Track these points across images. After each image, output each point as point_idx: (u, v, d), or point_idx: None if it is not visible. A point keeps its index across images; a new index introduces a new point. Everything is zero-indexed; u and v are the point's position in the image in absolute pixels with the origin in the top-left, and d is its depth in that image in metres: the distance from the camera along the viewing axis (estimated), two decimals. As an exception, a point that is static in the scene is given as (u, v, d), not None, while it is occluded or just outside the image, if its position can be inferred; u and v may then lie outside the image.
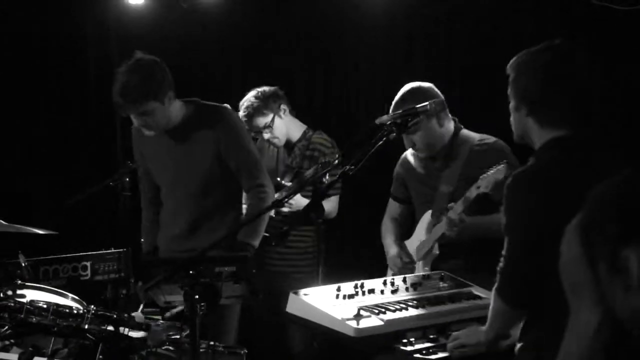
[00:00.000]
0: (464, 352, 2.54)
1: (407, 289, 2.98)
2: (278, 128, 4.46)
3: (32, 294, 3.18)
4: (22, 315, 2.93)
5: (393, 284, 2.99)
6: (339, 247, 4.84)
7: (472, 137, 3.57)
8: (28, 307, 2.95)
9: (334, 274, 3.93)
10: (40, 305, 2.99)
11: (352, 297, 2.81)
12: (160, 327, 3.02)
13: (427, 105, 3.13)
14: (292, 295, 2.78)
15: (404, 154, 3.80)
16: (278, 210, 4.37)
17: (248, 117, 4.42)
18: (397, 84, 3.66)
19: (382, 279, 3.04)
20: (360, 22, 5.32)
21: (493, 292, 2.40)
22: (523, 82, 2.36)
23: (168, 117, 3.65)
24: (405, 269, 3.62)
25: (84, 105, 5.74)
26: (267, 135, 4.47)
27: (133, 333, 2.98)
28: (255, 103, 4.41)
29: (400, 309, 2.73)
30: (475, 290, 3.01)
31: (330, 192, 4.32)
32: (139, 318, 2.98)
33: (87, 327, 2.95)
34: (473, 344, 2.52)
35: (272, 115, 4.43)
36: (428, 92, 3.52)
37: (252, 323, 4.43)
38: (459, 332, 2.59)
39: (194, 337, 2.58)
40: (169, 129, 3.71)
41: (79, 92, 5.71)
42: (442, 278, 3.12)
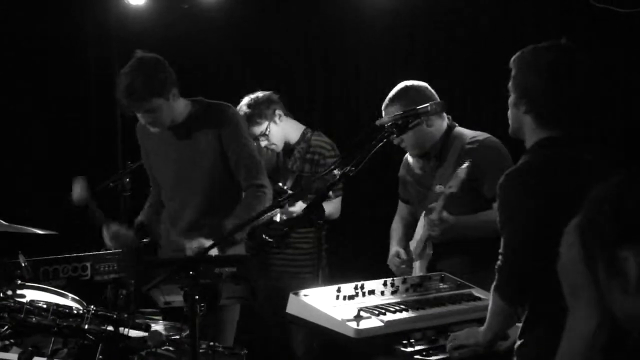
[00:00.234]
0: (463, 353, 2.54)
1: (407, 290, 2.98)
2: (274, 134, 4.42)
3: (32, 294, 3.18)
4: (22, 315, 2.93)
5: (393, 285, 2.99)
6: (341, 248, 4.83)
7: (464, 135, 3.54)
8: (28, 307, 2.95)
9: (336, 275, 3.93)
10: (40, 305, 2.99)
11: (352, 298, 2.80)
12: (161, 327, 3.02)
13: (427, 107, 3.14)
14: (292, 296, 2.77)
15: (406, 155, 3.80)
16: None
17: None
18: (397, 84, 3.65)
19: (382, 280, 3.04)
20: (361, 21, 5.32)
21: (491, 290, 2.42)
22: (525, 79, 2.37)
23: (173, 113, 3.68)
24: (403, 267, 3.63)
25: (84, 105, 5.74)
26: (264, 143, 4.43)
27: (133, 333, 2.98)
28: (249, 112, 4.34)
29: (401, 310, 2.73)
30: (476, 292, 3.01)
31: (333, 193, 4.31)
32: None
33: (86, 327, 2.94)
34: (472, 345, 2.52)
35: (266, 123, 4.38)
36: (420, 90, 3.51)
37: (253, 324, 4.43)
38: (457, 332, 2.59)
39: (194, 337, 2.58)
40: (173, 127, 3.73)
41: (79, 92, 5.71)
42: (442, 279, 3.12)
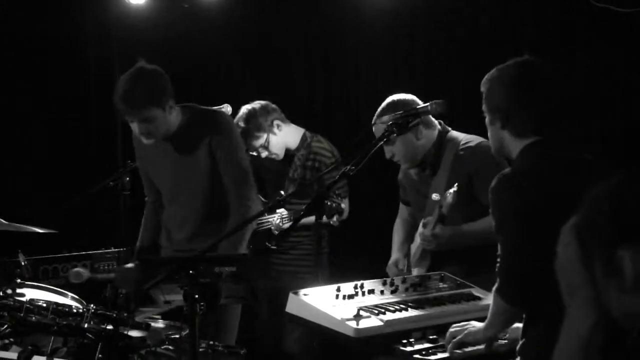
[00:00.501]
0: (463, 353, 2.54)
1: (407, 290, 2.98)
2: (274, 144, 4.39)
3: (31, 293, 3.18)
4: (21, 314, 2.93)
5: (393, 285, 2.99)
6: (342, 248, 4.83)
7: (457, 140, 3.51)
8: (28, 305, 2.95)
9: (336, 275, 3.93)
10: (40, 304, 2.99)
11: (351, 297, 2.81)
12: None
13: (427, 106, 3.14)
14: (291, 296, 2.77)
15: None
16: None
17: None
18: (398, 85, 3.66)
19: (382, 280, 3.04)
20: (361, 21, 5.32)
21: (493, 292, 2.44)
22: (494, 96, 2.48)
23: (168, 125, 3.65)
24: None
25: (84, 105, 5.74)
26: (264, 154, 4.41)
27: (132, 332, 2.98)
28: (246, 127, 4.31)
29: (400, 310, 2.73)
30: (476, 291, 3.01)
31: (333, 201, 4.30)
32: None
33: (86, 326, 2.94)
34: (472, 342, 2.53)
35: (265, 135, 4.36)
36: (407, 103, 3.46)
37: (254, 323, 4.43)
38: (456, 329, 2.59)
39: (194, 336, 2.58)
40: (167, 137, 3.70)
41: (79, 91, 5.71)
42: (442, 279, 3.13)
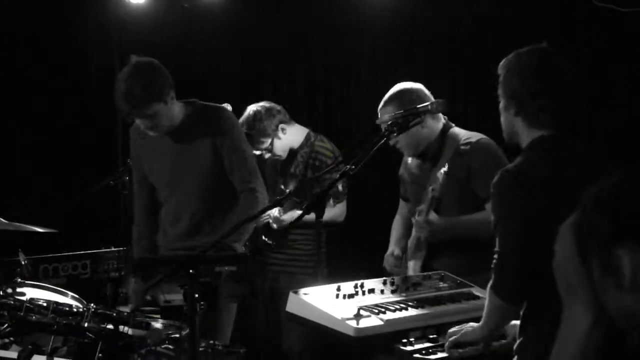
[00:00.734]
0: (463, 353, 2.54)
1: (407, 289, 2.97)
2: (278, 147, 4.40)
3: (31, 292, 3.18)
4: (21, 313, 2.93)
5: (393, 284, 2.98)
6: (342, 248, 4.83)
7: (459, 135, 3.52)
8: (28, 305, 2.95)
9: (336, 275, 3.93)
10: (40, 304, 2.99)
11: (352, 296, 2.80)
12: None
13: (428, 105, 3.14)
14: (292, 295, 2.77)
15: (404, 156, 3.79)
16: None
17: None
18: (394, 86, 3.65)
19: (382, 279, 3.04)
20: (361, 21, 5.32)
21: (488, 289, 2.43)
22: (511, 82, 2.44)
23: (171, 116, 3.65)
24: (397, 268, 3.63)
25: (85, 105, 5.74)
26: (267, 155, 4.43)
27: (132, 331, 2.98)
28: (251, 133, 4.30)
29: (400, 309, 2.73)
30: (476, 291, 3.01)
31: (334, 201, 4.31)
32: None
33: (86, 325, 2.94)
34: (468, 341, 2.53)
35: (269, 140, 4.37)
36: (414, 91, 3.50)
37: (252, 323, 4.43)
38: (454, 329, 2.59)
39: (194, 336, 2.58)
40: (170, 131, 3.71)
41: (80, 91, 5.72)
42: (442, 278, 3.12)
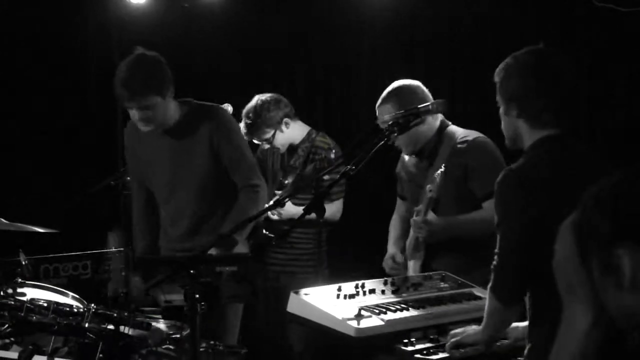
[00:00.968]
0: (464, 353, 2.54)
1: (408, 289, 2.97)
2: (279, 140, 4.40)
3: (32, 293, 3.18)
4: (22, 314, 2.93)
5: (394, 284, 2.99)
6: (342, 248, 4.83)
7: (455, 134, 3.52)
8: (28, 305, 2.95)
9: (337, 275, 3.93)
10: (41, 304, 2.99)
11: (352, 297, 2.80)
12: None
13: (429, 106, 3.15)
14: (292, 295, 2.77)
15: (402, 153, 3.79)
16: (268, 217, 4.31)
17: (248, 134, 4.34)
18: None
19: (383, 279, 3.04)
20: (361, 21, 5.32)
21: (487, 290, 2.42)
22: (510, 83, 2.42)
23: (167, 113, 3.64)
24: (397, 270, 3.62)
25: (85, 105, 5.74)
26: (266, 146, 4.44)
27: (133, 332, 2.98)
28: (257, 121, 4.32)
29: (401, 309, 2.73)
30: (476, 291, 3.01)
31: (335, 196, 4.31)
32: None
33: (87, 325, 2.94)
34: (470, 343, 2.52)
35: (272, 131, 4.36)
36: (412, 89, 3.50)
37: (254, 323, 4.42)
38: (456, 330, 2.59)
39: (194, 336, 2.58)
40: (166, 130, 3.70)
41: (80, 91, 5.72)
42: (443, 278, 3.12)
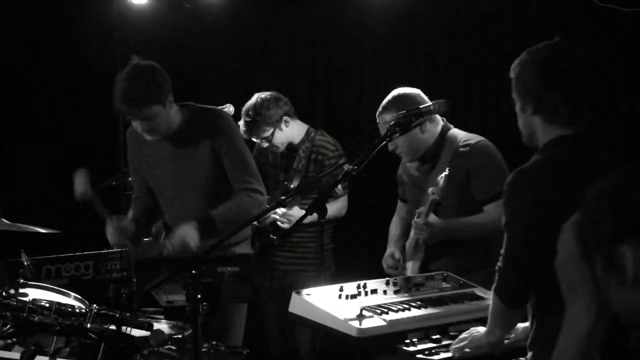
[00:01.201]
0: (467, 353, 2.54)
1: (409, 290, 2.98)
2: (278, 138, 4.39)
3: (34, 293, 3.17)
4: (24, 314, 2.93)
5: (396, 285, 2.99)
6: (347, 247, 4.83)
7: (457, 137, 3.54)
8: (30, 305, 2.95)
9: (340, 275, 3.93)
10: (43, 304, 2.98)
11: (354, 297, 2.81)
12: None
13: (430, 106, 3.15)
14: (294, 295, 2.77)
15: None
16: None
17: (247, 132, 4.35)
18: (400, 84, 3.65)
19: (384, 279, 3.04)
20: (361, 22, 5.32)
21: (492, 292, 2.40)
22: (526, 79, 2.34)
23: (169, 120, 3.65)
24: (395, 269, 3.62)
25: (86, 105, 5.74)
26: (265, 145, 4.43)
27: (135, 332, 2.98)
28: (257, 119, 4.32)
29: (403, 310, 2.73)
30: (478, 291, 3.01)
31: (339, 193, 4.31)
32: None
33: (89, 326, 2.94)
34: (475, 347, 2.51)
35: (272, 130, 4.36)
36: (412, 97, 3.50)
37: (257, 323, 4.43)
38: (462, 336, 2.57)
39: (196, 336, 2.58)
40: (168, 135, 3.70)
41: (81, 91, 5.71)
42: (445, 279, 3.12)
